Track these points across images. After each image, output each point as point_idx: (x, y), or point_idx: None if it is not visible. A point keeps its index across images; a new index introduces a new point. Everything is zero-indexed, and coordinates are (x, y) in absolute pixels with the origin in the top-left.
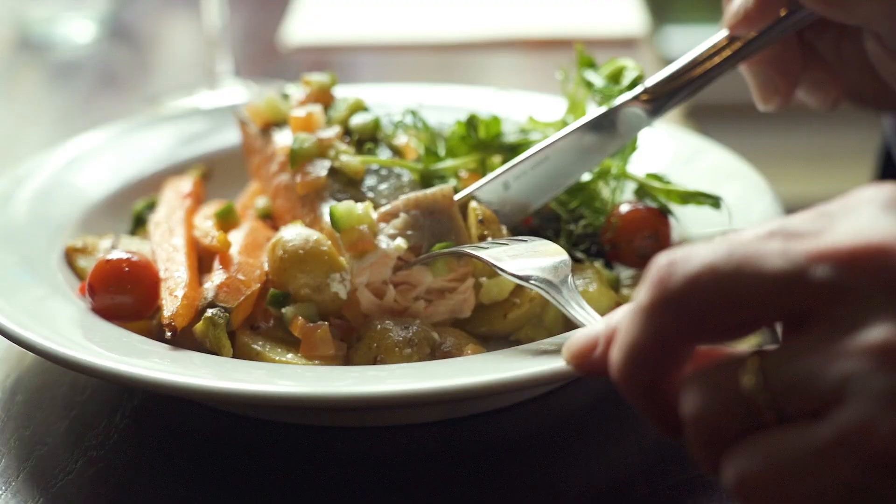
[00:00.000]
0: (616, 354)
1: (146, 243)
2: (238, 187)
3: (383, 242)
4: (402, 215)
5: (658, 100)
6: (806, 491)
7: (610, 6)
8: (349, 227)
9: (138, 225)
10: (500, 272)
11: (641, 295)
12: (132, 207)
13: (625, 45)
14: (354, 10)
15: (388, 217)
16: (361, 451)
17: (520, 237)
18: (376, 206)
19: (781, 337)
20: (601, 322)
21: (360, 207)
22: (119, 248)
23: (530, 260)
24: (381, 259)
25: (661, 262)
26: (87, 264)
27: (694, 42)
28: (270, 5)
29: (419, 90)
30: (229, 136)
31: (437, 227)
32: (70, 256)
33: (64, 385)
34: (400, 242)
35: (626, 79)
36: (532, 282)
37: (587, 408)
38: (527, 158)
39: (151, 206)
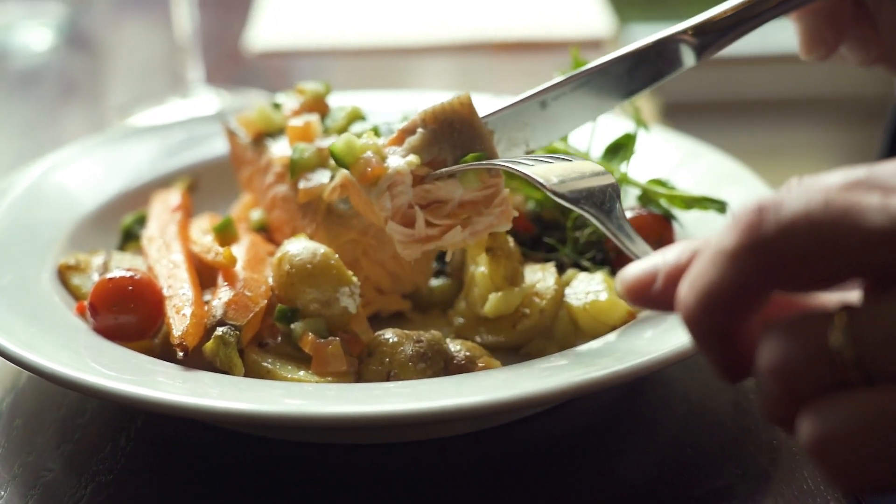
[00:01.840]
0: (689, 295)
1: (138, 259)
2: (223, 198)
3: (394, 162)
4: (420, 131)
5: (706, 37)
6: (888, 456)
7: (576, 8)
8: (354, 159)
9: (127, 240)
10: (547, 192)
11: (726, 238)
12: (120, 222)
13: (591, 45)
14: (317, 14)
15: (405, 135)
16: (379, 468)
17: (561, 155)
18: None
19: (864, 294)
20: (657, 255)
21: (361, 139)
22: (112, 264)
23: (578, 181)
24: (395, 178)
25: (750, 206)
26: (81, 282)
27: None
28: (229, 10)
29: (398, 96)
30: (212, 147)
31: (460, 139)
32: (63, 274)
33: (63, 407)
34: (412, 158)
35: None
36: (582, 205)
37: (604, 417)
38: (567, 80)
39: (140, 221)
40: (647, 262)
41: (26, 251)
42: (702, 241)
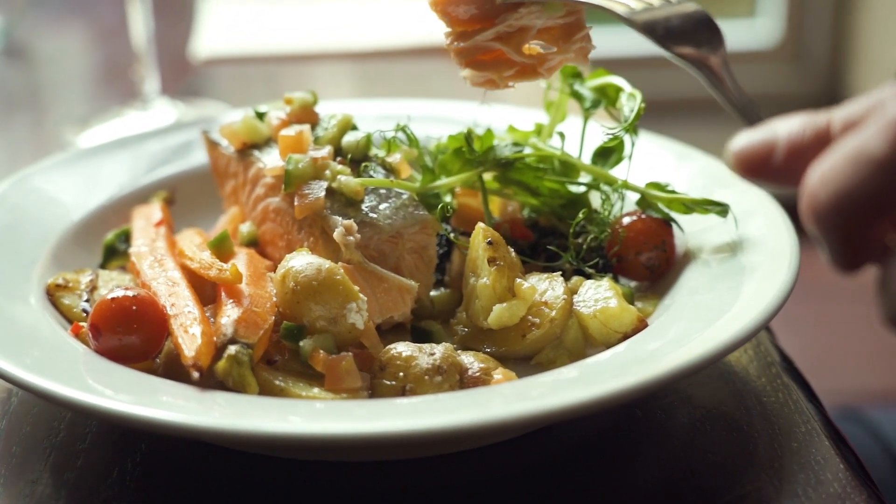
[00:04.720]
0: (821, 190)
1: (125, 276)
2: (199, 211)
3: None
4: None
5: None
6: None
7: None
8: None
9: (110, 257)
10: (653, 41)
11: (873, 143)
12: (102, 239)
13: None
14: (263, 19)
15: None
16: (398, 484)
17: None
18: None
19: None
20: (771, 128)
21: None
22: (100, 282)
23: (683, 29)
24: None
25: None
26: (71, 302)
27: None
28: (173, 17)
29: (362, 104)
30: (185, 159)
31: None
32: (52, 295)
33: (60, 432)
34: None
35: (627, 107)
36: (689, 59)
37: (618, 424)
38: None
39: (123, 237)
40: (763, 133)
41: (9, 272)
42: (820, 116)
